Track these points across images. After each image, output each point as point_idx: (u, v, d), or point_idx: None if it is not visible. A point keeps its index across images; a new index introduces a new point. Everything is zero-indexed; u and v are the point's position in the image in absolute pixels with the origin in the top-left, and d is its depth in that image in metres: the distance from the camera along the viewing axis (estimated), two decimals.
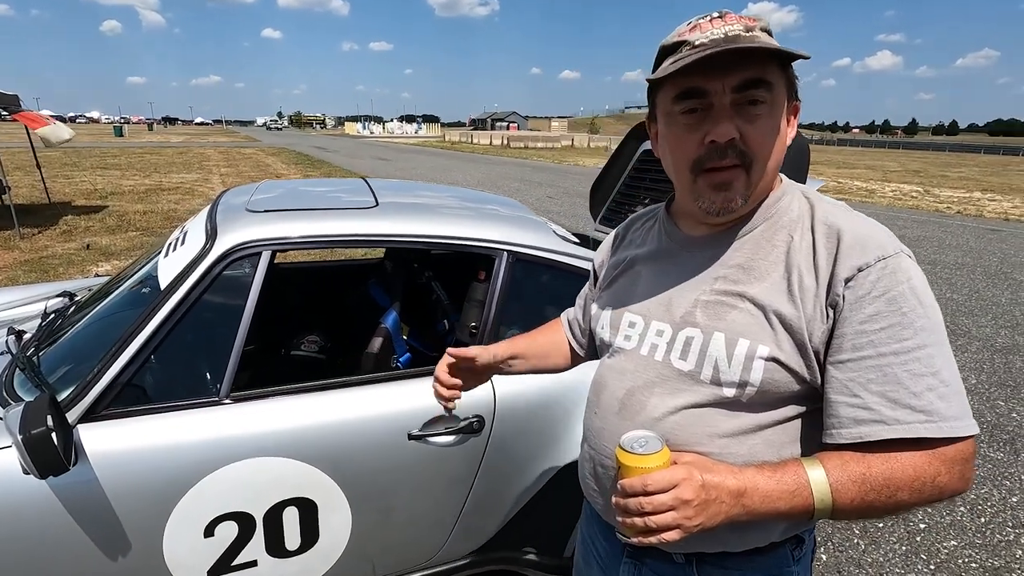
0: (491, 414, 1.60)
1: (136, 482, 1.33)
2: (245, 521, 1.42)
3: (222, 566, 1.44)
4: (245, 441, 1.40)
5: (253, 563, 1.47)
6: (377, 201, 1.91)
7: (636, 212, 1.09)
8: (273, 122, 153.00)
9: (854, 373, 0.71)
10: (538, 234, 1.88)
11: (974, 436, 0.69)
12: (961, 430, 0.68)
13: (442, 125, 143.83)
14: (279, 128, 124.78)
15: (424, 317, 2.41)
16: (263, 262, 1.53)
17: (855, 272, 0.71)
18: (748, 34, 0.72)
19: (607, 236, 1.11)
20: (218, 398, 1.44)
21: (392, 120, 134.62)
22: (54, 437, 1.14)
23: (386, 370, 1.86)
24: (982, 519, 2.55)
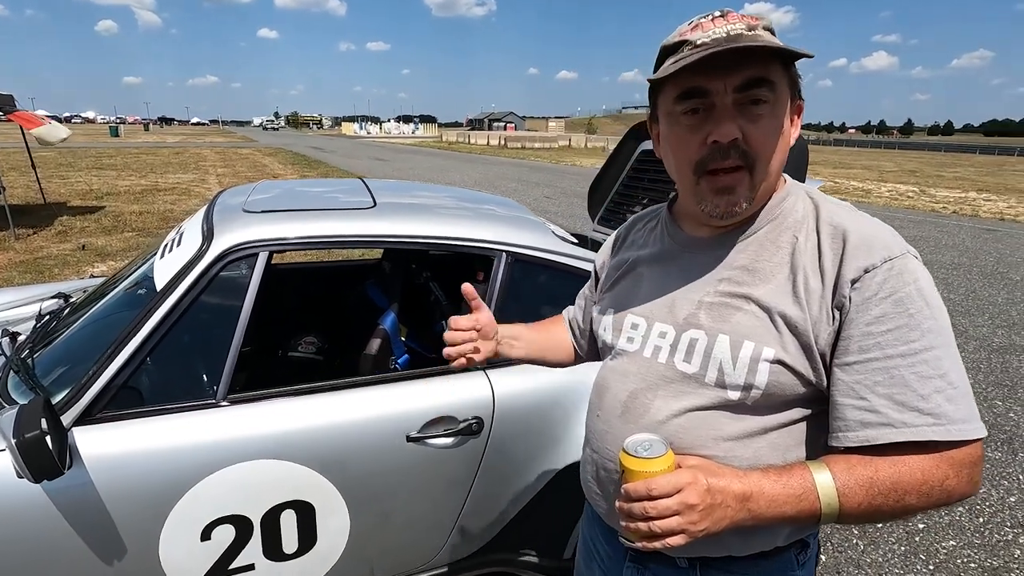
0: (490, 416, 1.59)
1: (132, 486, 1.32)
2: (242, 524, 1.41)
3: (219, 570, 1.43)
4: (242, 444, 1.39)
5: (250, 567, 1.46)
6: (375, 201, 1.90)
7: (636, 213, 1.08)
8: (270, 122, 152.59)
9: (860, 375, 0.70)
10: (537, 234, 1.87)
11: (982, 439, 0.69)
12: (969, 433, 0.67)
13: (439, 125, 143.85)
14: (276, 128, 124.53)
15: (422, 318, 2.40)
16: (260, 263, 1.52)
17: (861, 273, 0.71)
18: (750, 33, 0.72)
19: (608, 237, 1.10)
20: (215, 400, 1.42)
21: (389, 120, 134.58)
22: (48, 441, 1.12)
23: (384, 371, 1.85)
24: (980, 519, 2.55)
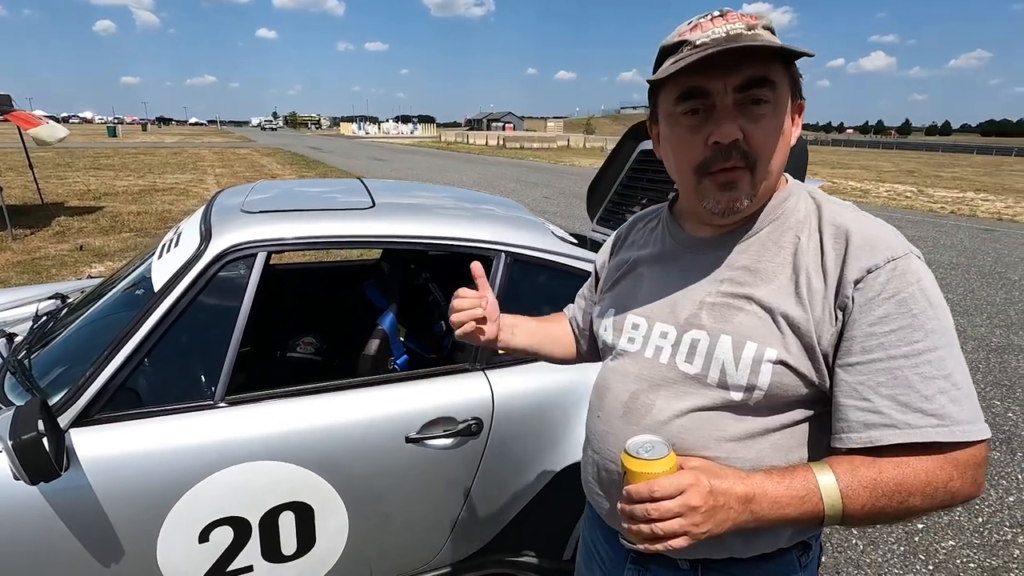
0: (489, 416, 1.59)
1: (129, 487, 1.31)
2: (240, 526, 1.40)
3: (217, 572, 1.42)
4: (240, 445, 1.39)
5: (249, 568, 1.45)
6: (374, 202, 1.90)
7: (635, 213, 1.07)
8: (268, 122, 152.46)
9: (864, 376, 0.70)
10: (536, 234, 1.87)
11: (986, 440, 0.68)
12: (973, 434, 0.67)
13: (438, 125, 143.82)
14: (274, 129, 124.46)
15: (421, 319, 2.39)
16: (258, 263, 1.52)
17: (864, 274, 0.70)
18: (750, 32, 0.71)
19: (608, 237, 1.10)
20: (213, 401, 1.42)
21: (388, 120, 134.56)
22: (45, 442, 1.12)
23: (383, 372, 1.84)
24: (979, 519, 2.55)
